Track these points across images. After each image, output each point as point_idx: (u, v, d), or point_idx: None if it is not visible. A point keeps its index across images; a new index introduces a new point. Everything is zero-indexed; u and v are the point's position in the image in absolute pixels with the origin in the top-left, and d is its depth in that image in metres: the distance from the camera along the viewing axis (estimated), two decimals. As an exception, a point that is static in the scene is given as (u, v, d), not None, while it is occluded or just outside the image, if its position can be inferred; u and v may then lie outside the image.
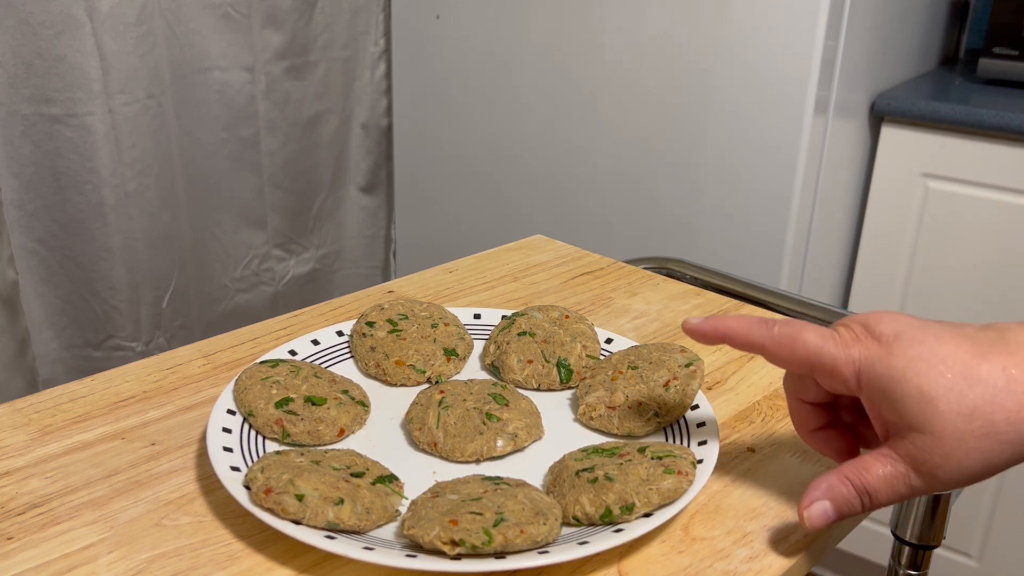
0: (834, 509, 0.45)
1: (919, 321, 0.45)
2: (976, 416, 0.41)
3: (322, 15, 1.55)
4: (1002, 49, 1.46)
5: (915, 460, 0.43)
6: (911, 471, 0.44)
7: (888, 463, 0.44)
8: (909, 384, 0.43)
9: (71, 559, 0.46)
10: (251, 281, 1.59)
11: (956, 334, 0.44)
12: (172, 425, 0.57)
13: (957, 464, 0.42)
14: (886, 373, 0.44)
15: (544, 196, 1.52)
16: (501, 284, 0.79)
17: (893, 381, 0.43)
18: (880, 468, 0.44)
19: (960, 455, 0.42)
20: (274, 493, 0.45)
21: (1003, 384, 0.42)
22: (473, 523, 0.44)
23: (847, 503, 0.45)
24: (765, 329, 0.48)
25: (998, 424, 0.41)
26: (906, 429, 0.43)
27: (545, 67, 1.46)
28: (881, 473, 0.44)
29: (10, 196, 1.22)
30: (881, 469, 0.44)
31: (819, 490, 0.46)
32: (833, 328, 0.47)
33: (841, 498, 0.45)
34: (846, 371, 0.45)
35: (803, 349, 0.46)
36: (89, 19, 1.18)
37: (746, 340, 0.48)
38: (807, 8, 1.21)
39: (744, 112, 1.29)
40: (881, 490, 0.44)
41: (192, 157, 1.41)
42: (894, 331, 0.44)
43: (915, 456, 0.43)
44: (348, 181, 1.72)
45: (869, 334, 0.45)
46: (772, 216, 1.31)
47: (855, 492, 0.45)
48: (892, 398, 0.43)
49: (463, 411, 0.55)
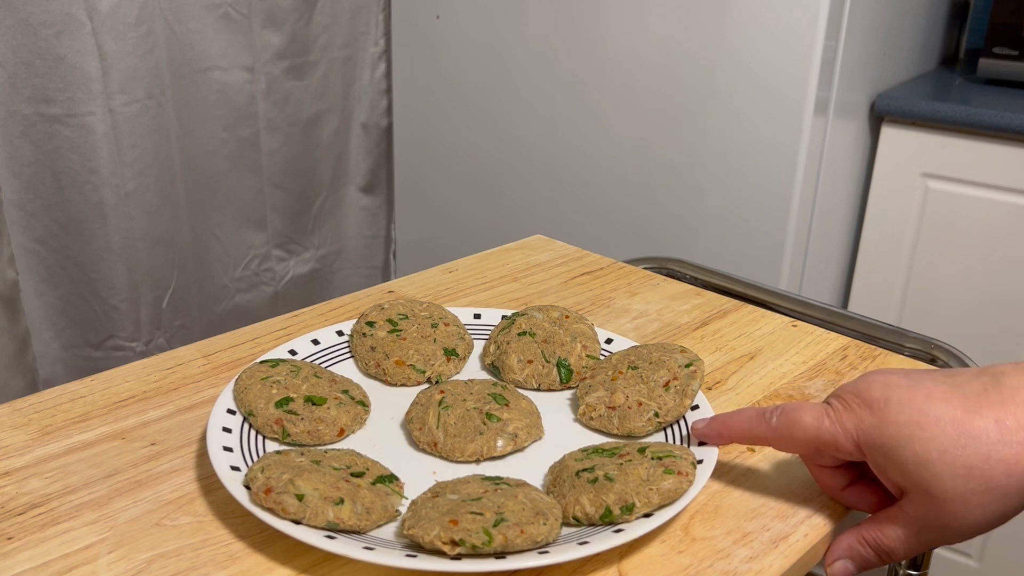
0: (854, 566, 0.48)
1: (908, 380, 0.46)
2: (974, 475, 0.42)
3: (322, 15, 1.55)
4: (1002, 49, 1.46)
5: (924, 521, 0.45)
6: (923, 530, 0.45)
7: (901, 525, 0.46)
8: (905, 450, 0.44)
9: (71, 559, 0.46)
10: (251, 281, 1.59)
11: (947, 390, 0.44)
12: (172, 425, 0.57)
13: (964, 520, 0.43)
14: (882, 441, 0.45)
15: (544, 196, 1.52)
16: (501, 284, 0.79)
17: (890, 448, 0.44)
18: (894, 531, 0.46)
19: (965, 512, 0.43)
20: (274, 493, 0.45)
21: (997, 437, 0.42)
22: (473, 523, 0.44)
23: (866, 562, 0.48)
24: (764, 424, 0.49)
25: (996, 478, 0.42)
26: (913, 491, 0.45)
27: (545, 67, 1.46)
28: (895, 535, 0.46)
29: (10, 196, 1.22)
30: (895, 532, 0.46)
31: (841, 549, 0.48)
32: (826, 403, 0.48)
33: (860, 558, 0.48)
34: (846, 444, 0.46)
35: (802, 434, 0.48)
36: (89, 19, 1.18)
37: (751, 437, 0.51)
38: (807, 8, 1.21)
39: (744, 112, 1.29)
40: (898, 549, 0.46)
41: (192, 157, 1.41)
42: (884, 396, 0.45)
43: (923, 517, 0.45)
44: (348, 181, 1.72)
45: (861, 402, 0.46)
46: (772, 216, 1.31)
47: (873, 553, 0.47)
48: (893, 464, 0.45)
49: (463, 411, 0.55)
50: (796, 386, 0.64)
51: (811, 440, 0.47)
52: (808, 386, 0.64)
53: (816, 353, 0.68)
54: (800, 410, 0.48)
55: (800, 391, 0.63)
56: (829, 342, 0.70)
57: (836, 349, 0.69)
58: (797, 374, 0.65)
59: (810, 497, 0.52)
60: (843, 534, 0.49)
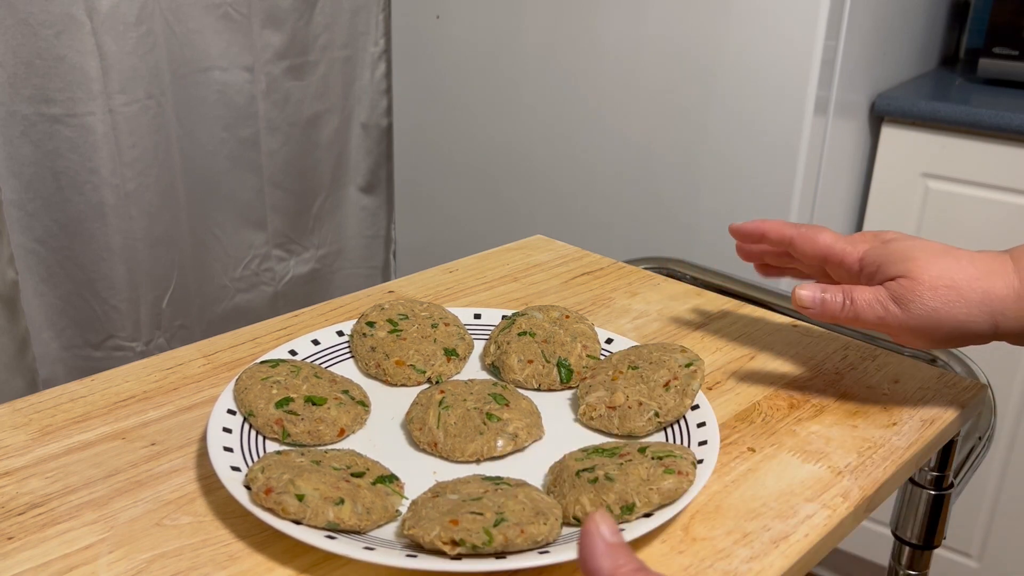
0: (821, 292, 0.58)
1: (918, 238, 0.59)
2: (945, 272, 0.55)
3: (322, 15, 1.55)
4: (1002, 49, 1.46)
5: (895, 292, 0.56)
6: (890, 300, 0.56)
7: (872, 288, 0.57)
8: (898, 254, 0.57)
9: (71, 559, 0.46)
10: (251, 281, 1.59)
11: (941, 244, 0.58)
12: (172, 425, 0.57)
13: (927, 303, 0.55)
14: (883, 252, 0.58)
15: (544, 196, 1.52)
16: (501, 284, 0.79)
17: (887, 255, 0.57)
18: (866, 290, 0.57)
19: (930, 295, 0.55)
20: (274, 493, 0.45)
21: (967, 260, 0.56)
22: (473, 523, 0.44)
23: (833, 294, 0.57)
24: (793, 227, 0.63)
25: (959, 281, 0.55)
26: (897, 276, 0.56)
27: (545, 67, 1.46)
28: (866, 292, 0.57)
29: (10, 196, 1.22)
30: (866, 291, 0.57)
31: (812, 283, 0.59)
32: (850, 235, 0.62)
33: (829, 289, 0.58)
34: (849, 260, 0.60)
35: (822, 242, 0.61)
36: (89, 19, 1.18)
37: (779, 234, 0.63)
38: (807, 8, 1.21)
39: (744, 112, 1.29)
40: (862, 300, 0.57)
41: (192, 157, 1.41)
42: (893, 236, 0.60)
43: (895, 290, 0.56)
44: (348, 181, 1.72)
45: (874, 236, 0.60)
46: (772, 216, 1.31)
47: (840, 292, 0.57)
48: (885, 265, 0.57)
49: (463, 411, 0.55)
50: (796, 386, 0.64)
51: (824, 251, 0.61)
52: (808, 386, 0.64)
53: (816, 353, 0.68)
54: (824, 229, 0.62)
55: (800, 391, 0.63)
56: (829, 342, 0.70)
57: (836, 349, 0.69)
58: (797, 374, 0.65)
59: (810, 497, 0.52)
60: None
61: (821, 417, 0.60)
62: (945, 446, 0.66)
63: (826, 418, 0.60)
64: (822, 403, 0.62)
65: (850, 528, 0.53)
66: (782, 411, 0.61)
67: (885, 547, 0.75)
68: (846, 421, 0.60)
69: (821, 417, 0.60)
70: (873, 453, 0.56)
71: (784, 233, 0.63)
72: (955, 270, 0.55)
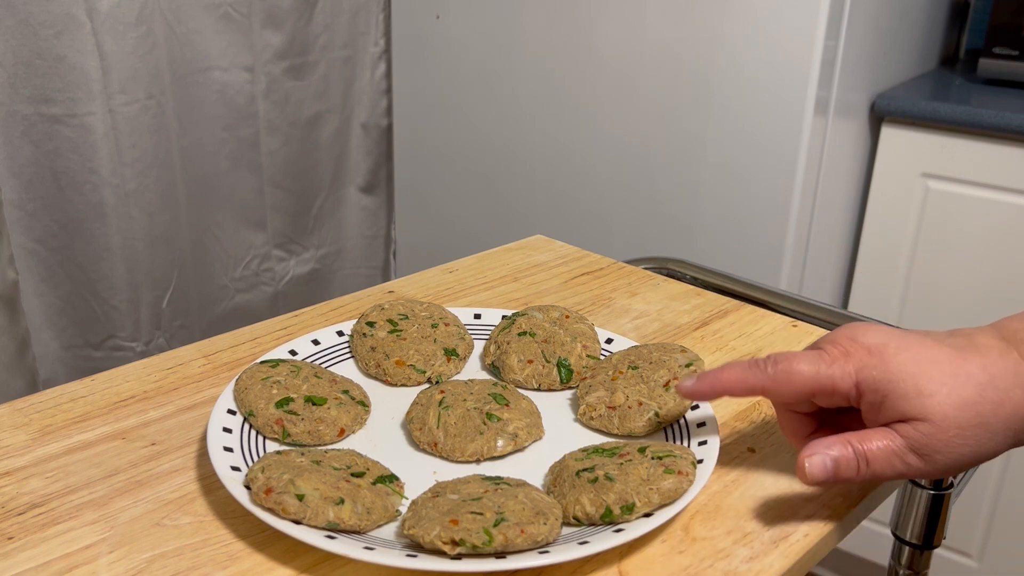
0: (833, 464, 0.47)
1: (898, 331, 0.49)
2: (969, 407, 0.45)
3: (322, 15, 1.55)
4: (1002, 49, 1.46)
5: (916, 443, 0.46)
6: (909, 451, 0.47)
7: (888, 438, 0.47)
8: (907, 383, 0.46)
9: (71, 559, 0.46)
10: (251, 281, 1.59)
11: (934, 341, 0.48)
12: (172, 425, 0.57)
13: (954, 451, 0.46)
14: (884, 377, 0.47)
15: (544, 196, 1.52)
16: (501, 284, 0.79)
17: (892, 383, 0.46)
18: (880, 440, 0.47)
19: (958, 442, 0.46)
20: (274, 493, 0.45)
21: (986, 380, 0.46)
22: (473, 523, 0.44)
23: (846, 462, 0.47)
24: (760, 372, 0.49)
25: (986, 415, 0.46)
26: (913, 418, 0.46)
27: (545, 67, 1.46)
28: (881, 444, 0.47)
29: (10, 196, 1.22)
30: (881, 441, 0.47)
31: (821, 446, 0.48)
32: (820, 349, 0.49)
33: (841, 457, 0.47)
34: (844, 386, 0.48)
35: (800, 380, 0.48)
36: (89, 19, 1.18)
37: (746, 388, 0.50)
38: (807, 8, 1.21)
39: (744, 112, 1.29)
40: (878, 459, 0.47)
41: (192, 157, 1.41)
42: (881, 342, 0.48)
43: (916, 439, 0.46)
44: (348, 181, 1.72)
45: (859, 347, 0.48)
46: (772, 216, 1.31)
47: (854, 455, 0.47)
48: (893, 398, 0.46)
49: (463, 411, 0.55)
50: (796, 386, 0.64)
51: (808, 386, 0.48)
52: (808, 386, 0.64)
53: (816, 353, 0.68)
54: (795, 357, 0.49)
55: (800, 391, 0.63)
56: (829, 342, 0.70)
57: (836, 349, 0.69)
58: (797, 374, 0.65)
59: (810, 497, 0.52)
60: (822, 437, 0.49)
61: (821, 417, 0.60)
62: (945, 446, 0.66)
63: (826, 418, 0.60)
64: (822, 403, 0.62)
65: (850, 528, 0.53)
66: (782, 411, 0.60)
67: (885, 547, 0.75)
68: (846, 421, 0.60)
69: (821, 417, 0.60)
70: (873, 453, 0.56)
71: (750, 384, 0.50)
72: (979, 402, 0.45)
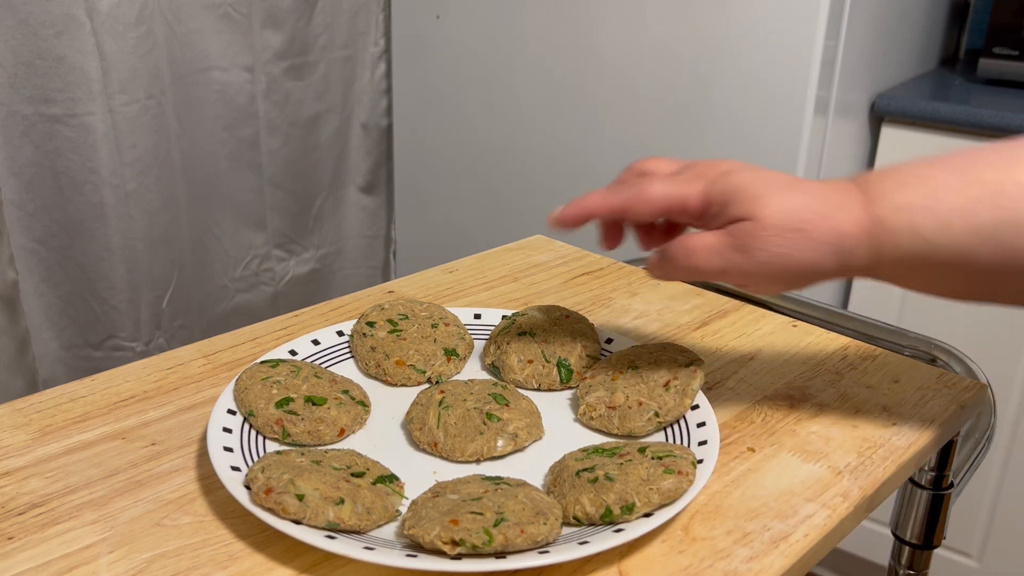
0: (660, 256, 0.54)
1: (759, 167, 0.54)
2: (793, 212, 0.50)
3: (322, 15, 1.55)
4: (1002, 49, 1.46)
5: (738, 239, 0.51)
6: (731, 248, 0.51)
7: (715, 236, 0.52)
8: (745, 192, 0.51)
9: (71, 559, 0.46)
10: (251, 281, 1.59)
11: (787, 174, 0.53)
12: (172, 425, 0.57)
13: (772, 249, 0.50)
14: (727, 190, 0.51)
15: (544, 196, 1.52)
16: (501, 284, 0.79)
17: (732, 193, 0.51)
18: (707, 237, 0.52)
19: (777, 241, 0.50)
20: (274, 493, 0.45)
21: (815, 194, 0.51)
22: (473, 523, 0.44)
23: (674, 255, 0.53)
24: (619, 194, 0.54)
25: (808, 222, 0.50)
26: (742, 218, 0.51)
27: (545, 67, 1.46)
28: (707, 240, 0.52)
29: (10, 196, 1.22)
30: (708, 238, 0.52)
31: None
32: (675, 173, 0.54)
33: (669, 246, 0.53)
34: (693, 203, 0.53)
35: (656, 198, 0.53)
36: (89, 19, 1.18)
37: (608, 209, 0.54)
38: (807, 8, 1.21)
39: (744, 112, 1.29)
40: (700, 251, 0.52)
41: (192, 157, 1.41)
42: (735, 167, 0.53)
43: (738, 235, 0.51)
44: (348, 181, 1.72)
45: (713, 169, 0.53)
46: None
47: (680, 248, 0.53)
48: (730, 205, 0.51)
49: (463, 411, 0.55)
50: (796, 386, 0.64)
51: (662, 203, 0.53)
52: (808, 386, 0.64)
53: (816, 353, 0.68)
54: (650, 180, 0.54)
55: (800, 391, 0.63)
56: (829, 342, 0.70)
57: (836, 349, 0.69)
58: (797, 374, 0.65)
59: (810, 497, 0.52)
60: None
61: (821, 417, 0.60)
62: (945, 446, 0.66)
63: (826, 418, 0.60)
64: (822, 403, 0.62)
65: (850, 528, 0.53)
66: (782, 411, 0.61)
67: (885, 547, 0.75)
68: (846, 421, 0.60)
69: (821, 417, 0.60)
70: (873, 453, 0.56)
71: (612, 205, 0.54)
72: (803, 209, 0.50)
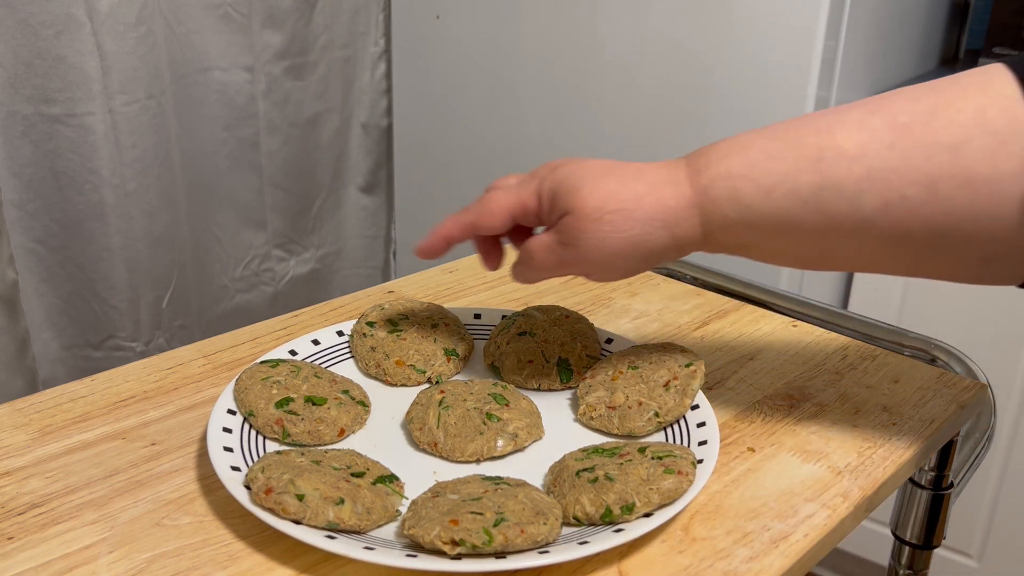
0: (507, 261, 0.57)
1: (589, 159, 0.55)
2: (610, 196, 0.51)
3: (322, 15, 1.55)
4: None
5: (563, 234, 0.52)
6: (560, 244, 0.53)
7: (547, 235, 0.54)
8: (564, 185, 0.52)
9: (71, 559, 0.46)
10: (251, 281, 1.59)
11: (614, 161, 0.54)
12: (172, 425, 0.57)
13: (595, 235, 0.51)
14: (550, 186, 0.53)
15: (544, 196, 1.52)
16: (501, 284, 0.79)
17: (557, 187, 0.53)
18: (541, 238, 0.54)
19: (597, 227, 0.51)
20: (274, 493, 0.45)
21: (633, 175, 0.52)
22: (473, 523, 0.44)
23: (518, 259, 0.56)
24: (467, 212, 0.56)
25: (627, 201, 0.51)
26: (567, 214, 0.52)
27: (545, 67, 1.46)
28: (540, 240, 0.54)
29: (10, 196, 1.22)
30: (542, 239, 0.54)
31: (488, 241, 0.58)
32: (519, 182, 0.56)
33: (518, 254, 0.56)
34: (532, 203, 0.54)
35: (499, 208, 0.55)
36: (89, 19, 1.18)
37: (461, 229, 0.57)
38: (807, 8, 1.21)
39: (744, 112, 1.29)
40: (538, 252, 0.54)
41: (192, 157, 1.41)
42: (562, 162, 0.55)
43: (563, 231, 0.52)
44: (348, 181, 1.72)
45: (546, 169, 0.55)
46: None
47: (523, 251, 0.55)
48: (556, 200, 0.53)
49: (463, 411, 0.55)
50: (796, 386, 0.64)
51: (506, 210, 0.55)
52: (808, 386, 0.64)
53: (816, 353, 0.68)
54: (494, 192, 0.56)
55: (800, 391, 0.63)
56: (829, 342, 0.70)
57: (836, 349, 0.69)
58: (797, 374, 0.65)
59: (810, 497, 0.52)
60: None
61: (821, 417, 0.60)
62: (945, 446, 0.66)
63: (826, 418, 0.60)
64: (822, 403, 0.62)
65: (850, 528, 0.53)
66: (782, 411, 0.61)
67: (885, 547, 0.75)
68: (846, 421, 0.60)
69: (821, 417, 0.60)
70: (873, 453, 0.56)
71: (463, 224, 0.56)
72: (620, 192, 0.51)
